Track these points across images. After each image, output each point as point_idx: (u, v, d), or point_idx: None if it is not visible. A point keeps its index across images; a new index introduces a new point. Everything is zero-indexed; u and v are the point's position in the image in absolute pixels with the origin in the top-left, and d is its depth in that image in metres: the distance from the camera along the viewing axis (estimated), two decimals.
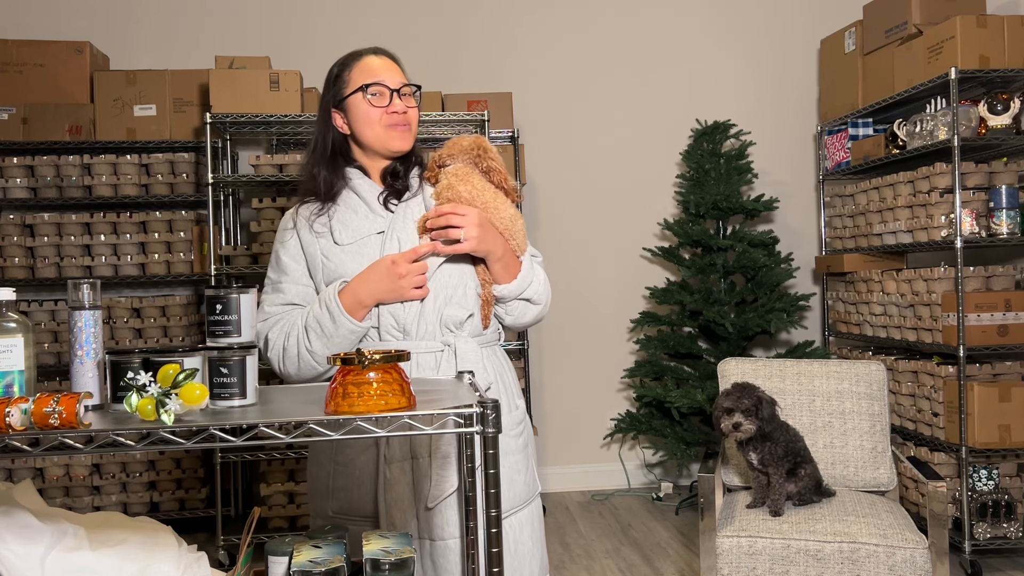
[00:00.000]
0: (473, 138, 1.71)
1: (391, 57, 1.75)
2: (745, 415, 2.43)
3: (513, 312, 1.72)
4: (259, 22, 4.34)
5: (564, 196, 4.54)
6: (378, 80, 1.67)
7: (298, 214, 1.73)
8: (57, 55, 3.85)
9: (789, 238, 4.56)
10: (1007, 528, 3.20)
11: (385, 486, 1.58)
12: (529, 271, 1.70)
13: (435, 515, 1.58)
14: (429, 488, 1.57)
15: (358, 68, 1.69)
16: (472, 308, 1.66)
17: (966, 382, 3.23)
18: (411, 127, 1.71)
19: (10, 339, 1.11)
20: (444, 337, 1.64)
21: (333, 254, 1.66)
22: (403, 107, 1.68)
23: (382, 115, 1.67)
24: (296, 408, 1.15)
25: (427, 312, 1.62)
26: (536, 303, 1.72)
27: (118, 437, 1.01)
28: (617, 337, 4.57)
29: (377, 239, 1.65)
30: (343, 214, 1.68)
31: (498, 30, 4.49)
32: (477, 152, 1.69)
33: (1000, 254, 3.84)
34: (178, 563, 1.26)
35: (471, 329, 1.67)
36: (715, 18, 4.60)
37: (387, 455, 1.59)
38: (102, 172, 3.85)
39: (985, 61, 3.31)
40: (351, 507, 1.62)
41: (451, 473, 1.58)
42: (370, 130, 1.68)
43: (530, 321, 1.75)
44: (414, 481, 1.59)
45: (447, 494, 1.58)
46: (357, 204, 1.69)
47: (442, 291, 1.63)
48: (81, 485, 3.74)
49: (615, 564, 3.38)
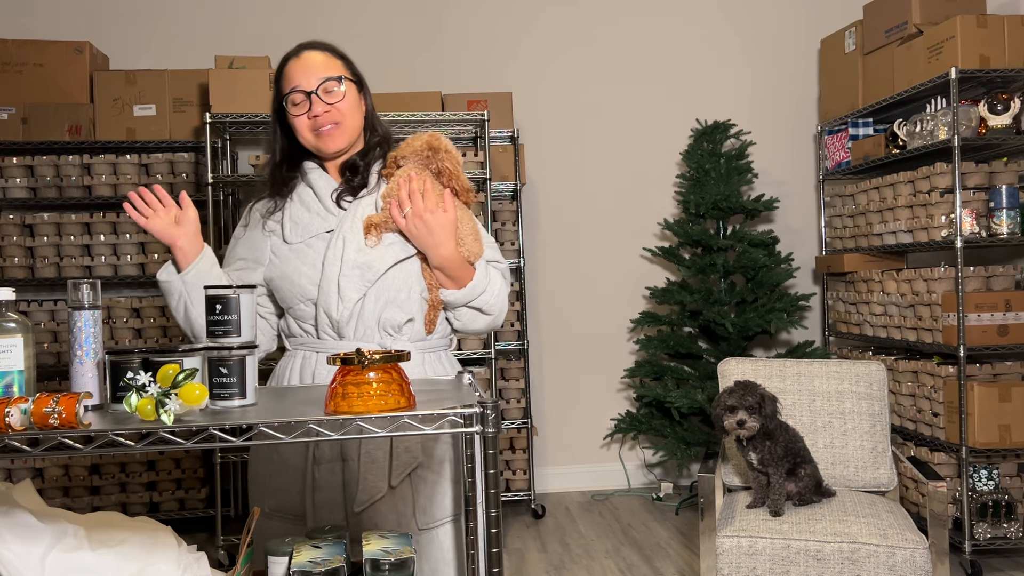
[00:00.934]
0: (426, 138, 1.65)
1: (319, 48, 1.67)
2: (749, 412, 2.43)
3: (462, 318, 1.68)
4: (259, 22, 4.34)
5: (564, 196, 4.54)
6: (293, 87, 1.62)
7: (253, 210, 1.72)
8: (57, 55, 3.85)
9: (789, 238, 4.56)
10: (1007, 528, 3.20)
11: (314, 487, 1.57)
12: (483, 279, 1.64)
13: (364, 520, 1.57)
14: (357, 492, 1.56)
15: (284, 75, 1.65)
16: (413, 313, 1.63)
17: (966, 382, 3.22)
18: (341, 123, 1.64)
19: (10, 339, 1.11)
20: (382, 340, 1.61)
21: (281, 252, 1.64)
22: (323, 108, 1.62)
23: (305, 121, 1.63)
24: (296, 408, 1.15)
25: (365, 314, 1.59)
26: (487, 313, 1.68)
27: (118, 437, 1.01)
28: (617, 337, 4.57)
29: (325, 238, 1.62)
30: (297, 211, 1.66)
31: (498, 30, 4.49)
32: (427, 153, 1.63)
33: (1000, 254, 3.84)
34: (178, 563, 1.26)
35: (411, 334, 1.63)
36: (715, 18, 4.60)
37: (317, 456, 1.57)
38: (102, 172, 3.85)
39: (985, 61, 3.31)
40: (284, 506, 1.61)
41: (380, 479, 1.56)
42: (301, 137, 1.66)
43: (480, 329, 1.71)
44: (344, 483, 1.57)
45: (375, 499, 1.56)
46: (312, 200, 1.66)
47: (383, 293, 1.60)
48: (80, 485, 3.74)
49: (615, 564, 3.38)
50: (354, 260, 1.59)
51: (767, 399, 2.46)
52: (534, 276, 4.51)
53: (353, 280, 1.58)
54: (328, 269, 1.59)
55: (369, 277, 1.59)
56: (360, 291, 1.59)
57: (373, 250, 1.60)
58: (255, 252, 1.67)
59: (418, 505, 1.59)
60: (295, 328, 1.67)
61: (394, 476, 1.57)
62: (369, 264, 1.59)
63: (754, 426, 2.43)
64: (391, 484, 1.57)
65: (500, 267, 1.71)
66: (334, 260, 1.60)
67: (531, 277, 4.50)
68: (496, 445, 1.08)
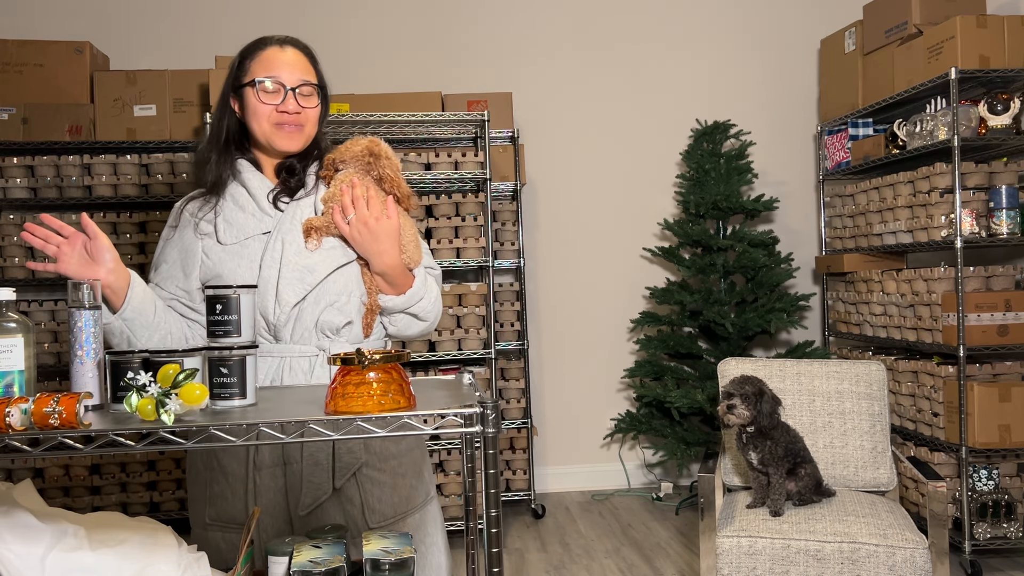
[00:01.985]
0: (366, 143, 1.62)
1: (303, 50, 1.65)
2: (743, 400, 2.43)
3: (397, 323, 1.67)
4: (259, 22, 4.34)
5: (564, 196, 4.54)
6: (274, 75, 1.58)
7: (184, 210, 1.64)
8: (57, 55, 3.85)
9: (789, 238, 4.56)
10: (1007, 528, 3.20)
11: (256, 492, 1.55)
12: (421, 287, 1.64)
13: (311, 521, 1.56)
14: (301, 495, 1.55)
15: (260, 58, 1.60)
16: (352, 316, 1.61)
17: (966, 382, 3.22)
18: (304, 128, 1.62)
19: (10, 339, 1.11)
20: (320, 342, 1.59)
21: (214, 253, 1.58)
22: (296, 107, 1.59)
23: (271, 112, 1.59)
24: (296, 408, 1.15)
25: (304, 316, 1.57)
26: (423, 319, 1.67)
27: (118, 437, 1.01)
28: (617, 337, 4.57)
29: (262, 240, 1.58)
30: (230, 211, 1.60)
31: (498, 30, 4.50)
32: (368, 159, 1.61)
33: (1000, 254, 3.84)
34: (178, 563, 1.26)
35: (349, 336, 1.62)
36: (715, 18, 4.60)
37: (256, 461, 1.55)
38: (102, 172, 3.85)
39: (985, 61, 3.31)
40: (226, 514, 1.57)
41: (324, 480, 1.55)
42: (257, 125, 1.60)
43: (414, 335, 1.70)
44: (287, 487, 1.56)
45: (320, 501, 1.55)
46: (246, 200, 1.61)
47: (324, 296, 1.58)
48: (81, 485, 3.74)
49: (615, 564, 3.38)
50: (294, 263, 1.56)
51: (767, 397, 2.46)
52: (534, 276, 4.51)
53: (292, 283, 1.55)
54: (265, 271, 1.56)
55: (310, 281, 1.56)
56: (299, 294, 1.56)
57: (314, 254, 1.57)
58: (185, 254, 1.61)
59: (367, 504, 1.59)
60: None
61: (338, 477, 1.56)
62: (310, 268, 1.56)
63: (744, 414, 2.42)
64: (335, 485, 1.56)
65: (435, 273, 1.71)
66: (272, 262, 1.56)
67: (531, 277, 4.50)
68: (496, 445, 1.09)
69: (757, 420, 2.44)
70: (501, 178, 4.08)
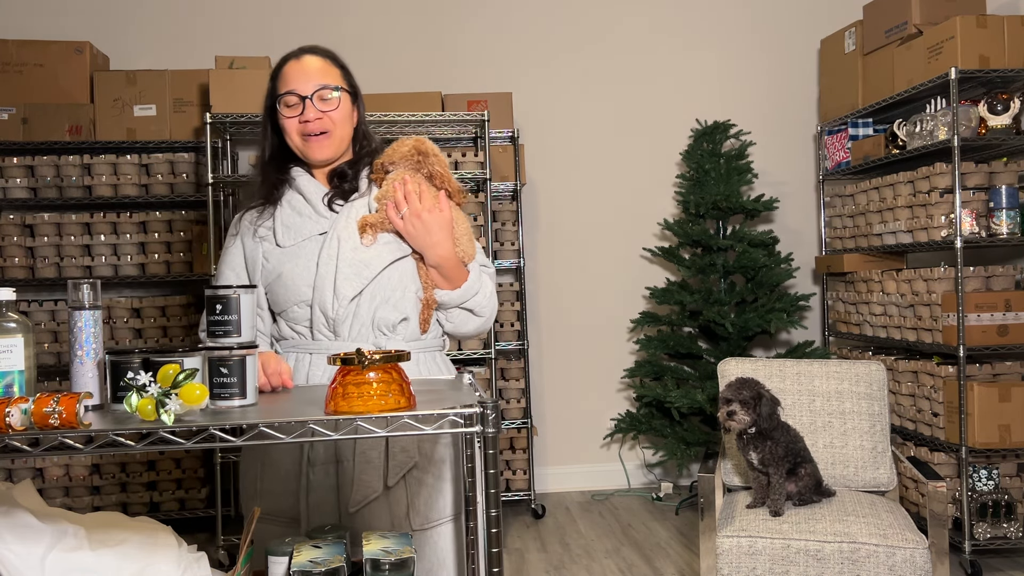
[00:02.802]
0: (412, 143, 1.66)
1: (321, 54, 1.68)
2: (742, 406, 2.43)
3: (453, 320, 1.69)
4: (259, 22, 4.34)
5: (564, 196, 4.54)
6: (289, 90, 1.63)
7: (242, 221, 1.70)
8: (57, 55, 3.85)
9: (789, 238, 4.56)
10: (1007, 528, 3.20)
11: (308, 488, 1.57)
12: (476, 282, 1.66)
13: (358, 520, 1.57)
14: (351, 492, 1.56)
15: (281, 76, 1.66)
16: (408, 312, 1.63)
17: (966, 382, 3.22)
18: (332, 132, 1.64)
19: (10, 339, 1.11)
20: (376, 339, 1.61)
21: (274, 255, 1.63)
22: (315, 114, 1.62)
23: (296, 124, 1.63)
24: (296, 408, 1.15)
25: (360, 312, 1.59)
26: (479, 315, 1.69)
27: (118, 437, 1.01)
28: (617, 337, 4.57)
29: (318, 240, 1.62)
30: (287, 216, 1.65)
31: (498, 30, 4.49)
32: (417, 159, 1.64)
33: (1000, 254, 3.84)
34: (178, 563, 1.26)
35: (405, 333, 1.63)
36: (715, 18, 4.60)
37: (311, 457, 1.57)
38: (102, 172, 3.85)
39: (985, 61, 3.31)
40: (276, 508, 1.60)
41: (375, 479, 1.56)
42: (290, 140, 1.66)
43: (470, 332, 1.72)
44: (338, 485, 1.57)
45: (370, 499, 1.56)
46: (302, 205, 1.66)
47: (379, 292, 1.60)
48: (81, 485, 3.74)
49: (615, 564, 3.38)
50: (350, 258, 1.59)
51: (766, 399, 2.46)
52: (534, 276, 4.51)
53: (350, 278, 1.58)
54: (323, 268, 1.59)
55: (366, 275, 1.59)
56: (356, 288, 1.58)
57: (369, 249, 1.60)
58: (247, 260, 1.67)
59: (413, 506, 1.60)
60: (286, 331, 1.66)
61: (390, 476, 1.57)
62: (366, 262, 1.59)
63: (744, 419, 2.43)
64: (387, 484, 1.57)
65: (489, 271, 1.73)
66: (329, 259, 1.59)
67: (531, 277, 4.50)
68: (496, 445, 1.09)
69: (757, 423, 2.44)
70: (501, 178, 4.08)
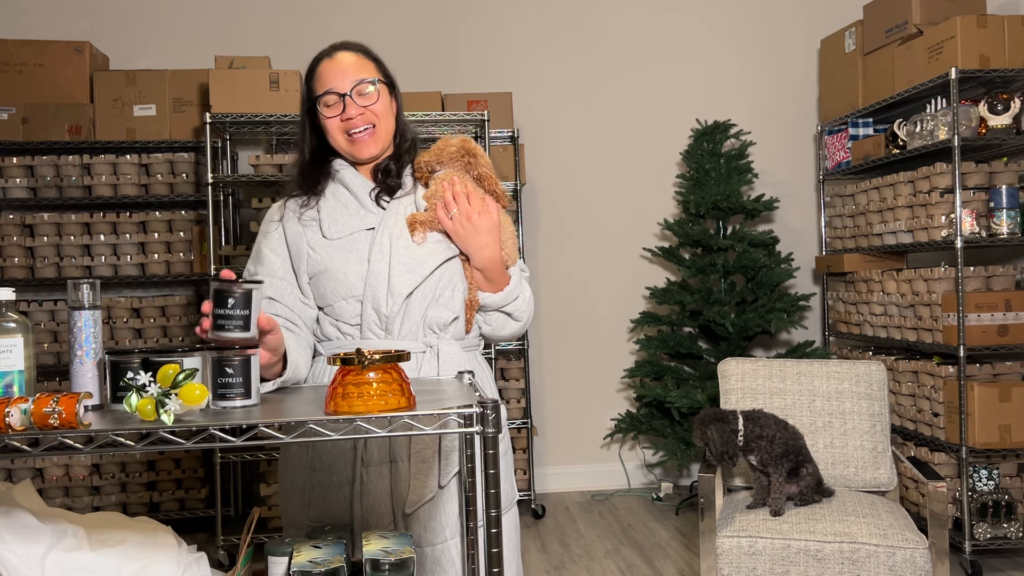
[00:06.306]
0: (458, 142, 1.65)
1: (354, 49, 1.64)
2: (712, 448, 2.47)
3: (492, 323, 1.69)
4: (259, 22, 4.34)
5: (564, 196, 4.54)
6: (327, 89, 1.60)
7: (286, 207, 1.66)
8: (57, 55, 3.84)
9: (789, 238, 4.56)
10: (1007, 528, 3.20)
11: (362, 490, 1.55)
12: (517, 286, 1.67)
13: (414, 521, 1.55)
14: (408, 493, 1.54)
15: (316, 76, 1.63)
16: (458, 311, 1.62)
17: (966, 382, 3.22)
18: (377, 126, 1.62)
19: (10, 339, 1.11)
20: (427, 338, 1.60)
21: (321, 247, 1.59)
22: (357, 110, 1.60)
23: (338, 123, 1.61)
24: (296, 408, 1.15)
25: (412, 310, 1.58)
26: (517, 319, 1.69)
27: (118, 437, 1.00)
28: (617, 337, 4.57)
29: (367, 235, 1.60)
30: (332, 208, 1.63)
31: (498, 30, 4.49)
32: (467, 160, 1.64)
33: (1000, 254, 3.84)
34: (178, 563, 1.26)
35: (455, 332, 1.63)
36: (715, 18, 4.60)
37: (365, 458, 1.55)
38: (102, 172, 3.85)
39: (985, 61, 3.31)
40: (328, 514, 1.57)
41: (431, 478, 1.55)
42: (334, 141, 1.63)
43: (507, 336, 1.72)
44: (392, 486, 1.55)
45: (426, 499, 1.55)
46: (348, 199, 1.64)
47: (431, 291, 1.59)
48: (81, 485, 3.74)
49: (615, 564, 3.38)
50: (404, 256, 1.57)
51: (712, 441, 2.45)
52: (534, 276, 4.50)
53: (404, 275, 1.56)
54: (375, 264, 1.57)
55: (420, 272, 1.57)
56: (411, 285, 1.56)
57: (422, 247, 1.59)
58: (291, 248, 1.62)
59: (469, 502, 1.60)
60: (330, 330, 1.62)
61: (443, 475, 1.56)
62: (420, 260, 1.58)
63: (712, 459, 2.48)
64: (440, 484, 1.56)
65: (526, 275, 1.74)
66: (381, 256, 1.57)
67: (531, 277, 4.49)
68: (496, 445, 1.08)
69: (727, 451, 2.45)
70: (501, 178, 4.08)
